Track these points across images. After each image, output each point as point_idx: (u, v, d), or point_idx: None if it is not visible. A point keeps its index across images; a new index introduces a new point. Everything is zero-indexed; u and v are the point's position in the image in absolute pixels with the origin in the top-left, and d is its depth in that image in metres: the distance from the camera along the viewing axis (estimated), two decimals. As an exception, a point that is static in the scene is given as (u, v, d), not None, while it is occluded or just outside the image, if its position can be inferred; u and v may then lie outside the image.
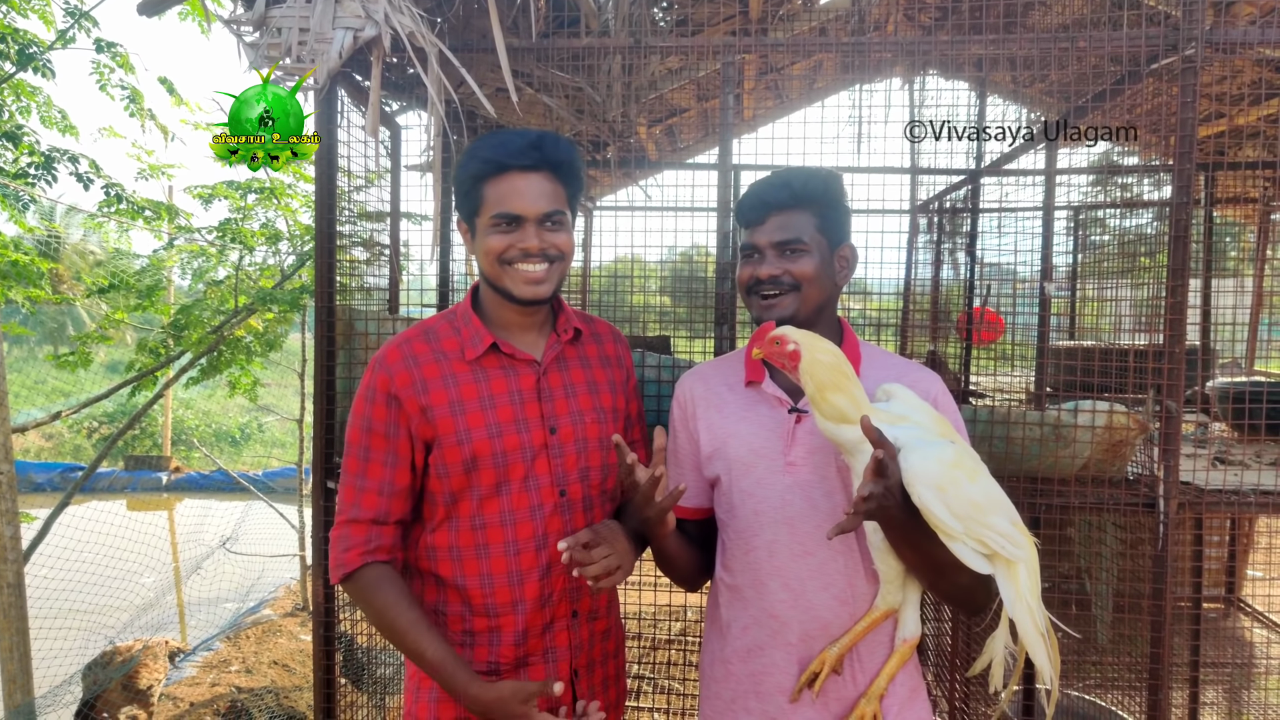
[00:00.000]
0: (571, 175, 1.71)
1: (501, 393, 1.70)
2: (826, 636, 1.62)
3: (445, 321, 1.77)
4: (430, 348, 1.71)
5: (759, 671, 1.66)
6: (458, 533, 1.70)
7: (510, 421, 1.68)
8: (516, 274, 1.66)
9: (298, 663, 5.86)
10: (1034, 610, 1.44)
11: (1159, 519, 2.34)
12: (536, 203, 1.65)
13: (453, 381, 1.68)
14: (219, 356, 5.69)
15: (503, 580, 1.69)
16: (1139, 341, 2.54)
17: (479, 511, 1.68)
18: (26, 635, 3.55)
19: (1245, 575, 4.98)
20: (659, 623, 5.61)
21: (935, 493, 1.38)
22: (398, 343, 1.72)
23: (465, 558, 1.70)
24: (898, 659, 1.62)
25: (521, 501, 1.69)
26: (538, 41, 2.54)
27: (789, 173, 1.72)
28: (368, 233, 2.86)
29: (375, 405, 1.67)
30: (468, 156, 1.69)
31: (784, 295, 1.67)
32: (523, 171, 1.65)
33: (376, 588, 1.65)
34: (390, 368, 1.67)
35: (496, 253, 1.66)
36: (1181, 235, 2.29)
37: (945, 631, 3.80)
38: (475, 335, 1.72)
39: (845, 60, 2.52)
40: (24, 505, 4.30)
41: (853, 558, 1.62)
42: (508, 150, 1.65)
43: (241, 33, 2.28)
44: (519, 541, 1.69)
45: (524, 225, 1.65)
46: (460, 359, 1.70)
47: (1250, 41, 2.34)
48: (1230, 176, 4.50)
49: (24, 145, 4.53)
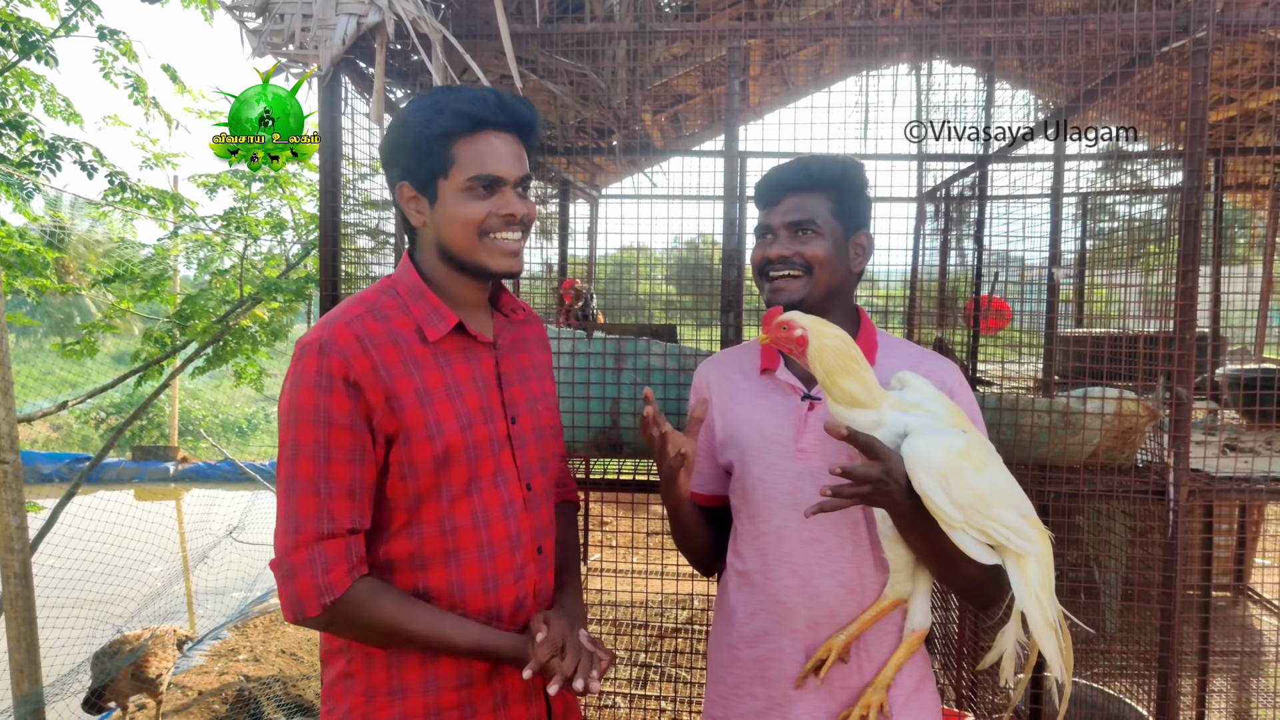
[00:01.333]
0: (536, 140, 1.59)
1: (465, 379, 1.53)
2: (833, 624, 1.61)
3: (389, 297, 1.54)
4: (383, 327, 1.48)
5: (765, 657, 1.66)
6: (421, 539, 1.49)
7: (478, 410, 1.52)
8: (494, 245, 1.51)
9: (305, 651, 5.89)
10: (1045, 604, 1.43)
11: (1169, 506, 2.33)
12: (515, 165, 1.52)
13: (415, 368, 1.47)
14: (224, 346, 5.70)
15: (476, 588, 1.51)
16: (1149, 328, 2.52)
17: (449, 514, 1.49)
18: (34, 625, 3.56)
19: (1254, 563, 4.96)
20: (666, 611, 5.62)
21: (936, 479, 1.37)
22: (344, 320, 1.46)
23: (431, 566, 1.50)
24: (905, 649, 1.61)
25: (493, 499, 1.53)
26: (542, 27, 2.53)
27: (808, 158, 1.71)
28: (373, 221, 2.85)
29: (333, 394, 1.40)
30: (431, 111, 1.49)
31: (794, 279, 1.66)
32: (498, 130, 1.50)
33: (374, 601, 1.43)
34: (344, 350, 1.42)
35: (476, 222, 1.49)
36: (1192, 221, 2.27)
37: (953, 620, 3.79)
38: (433, 313, 1.52)
39: (852, 45, 2.50)
40: (32, 495, 4.32)
41: (862, 546, 1.62)
42: (483, 106, 1.48)
43: (244, 19, 2.27)
44: (494, 543, 1.52)
45: (503, 189, 1.51)
46: (419, 340, 1.50)
47: (1262, 24, 2.31)
48: (1240, 162, 4.46)
49: (28, 134, 4.54)
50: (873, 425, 1.45)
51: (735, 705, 1.71)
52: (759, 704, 1.67)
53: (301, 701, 4.83)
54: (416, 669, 1.50)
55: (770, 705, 1.65)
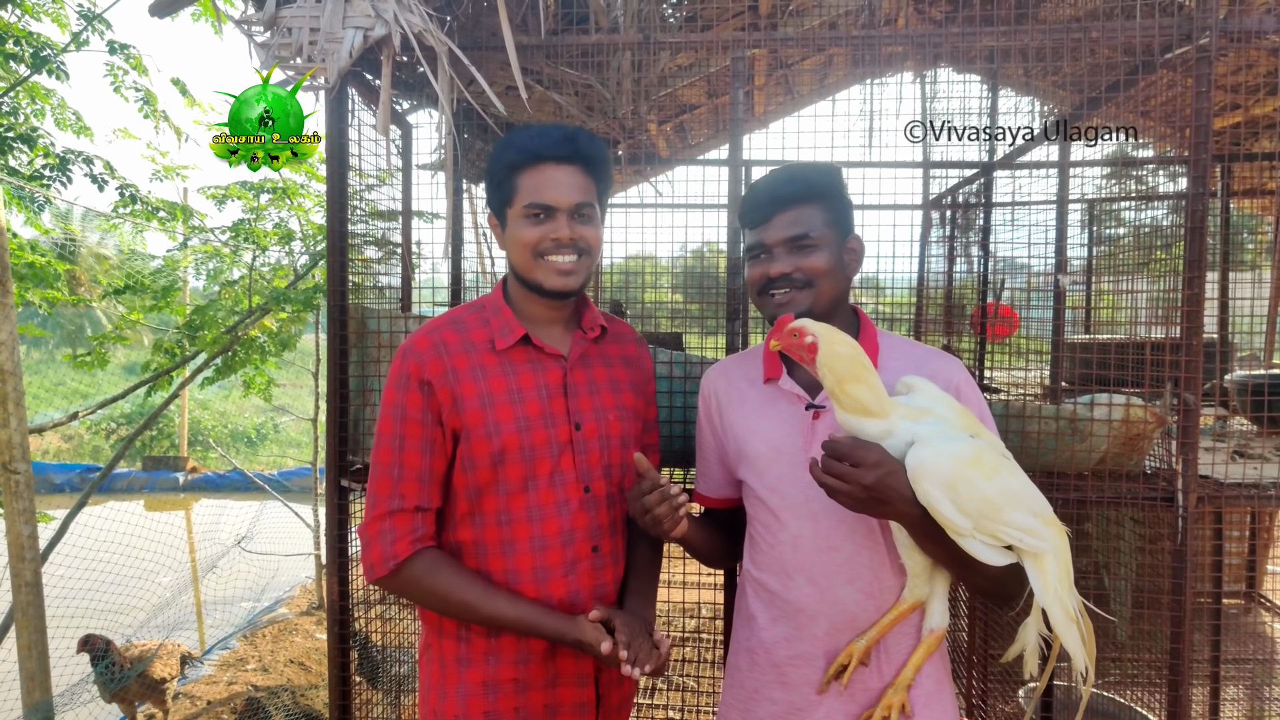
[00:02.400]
0: (603, 170, 1.74)
1: (529, 386, 1.70)
2: (853, 629, 1.62)
3: (473, 312, 1.77)
4: (460, 337, 1.70)
5: (784, 663, 1.67)
6: (483, 528, 1.69)
7: (538, 416, 1.69)
8: (548, 265, 1.68)
9: (314, 661, 5.89)
10: (1065, 599, 1.44)
11: (1178, 513, 2.32)
12: (569, 194, 1.67)
13: (481, 373, 1.68)
14: (233, 357, 5.72)
15: (528, 577, 1.68)
16: (1156, 335, 2.52)
17: (505, 507, 1.68)
18: (44, 633, 3.57)
19: (1266, 570, 4.92)
20: (673, 620, 5.61)
21: (943, 490, 1.37)
22: (426, 330, 1.72)
23: (490, 554, 1.69)
24: (924, 649, 1.61)
25: (548, 497, 1.69)
26: (547, 39, 2.54)
27: (791, 168, 1.71)
28: (380, 232, 2.86)
29: (409, 392, 1.66)
30: (503, 147, 1.71)
31: (797, 291, 1.65)
32: (557, 163, 1.67)
33: (434, 571, 1.65)
34: (421, 354, 1.66)
35: (530, 244, 1.67)
36: (1198, 228, 2.26)
37: (962, 629, 3.78)
38: (506, 326, 1.72)
39: (856, 54, 2.51)
40: (44, 506, 4.34)
41: (879, 552, 1.62)
42: (544, 141, 1.67)
43: (253, 33, 2.29)
44: (545, 538, 1.68)
45: (556, 215, 1.67)
46: (489, 350, 1.70)
47: (1266, 31, 2.31)
48: (1247, 168, 4.45)
49: (39, 148, 4.57)
50: (882, 435, 1.46)
51: (754, 709, 1.71)
52: (778, 708, 1.67)
53: (310, 711, 4.83)
54: (481, 641, 1.70)
55: (790, 710, 1.66)
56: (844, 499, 1.44)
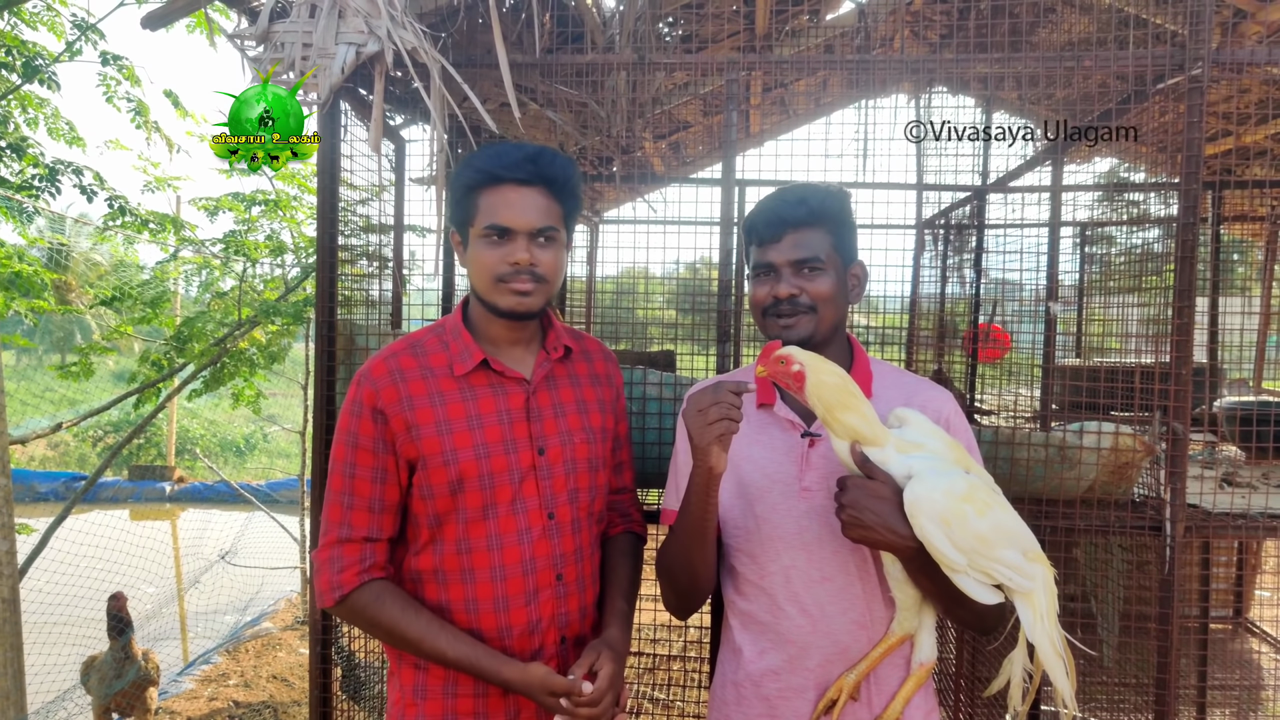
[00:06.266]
0: (568, 193, 1.68)
1: (489, 412, 1.66)
2: (846, 661, 1.60)
3: (434, 335, 1.72)
4: (418, 363, 1.66)
5: (774, 696, 1.64)
6: (443, 556, 1.65)
7: (498, 442, 1.64)
8: (505, 288, 1.63)
9: (297, 677, 5.83)
10: (1052, 634, 1.45)
11: (1165, 542, 2.31)
12: (527, 215, 1.62)
13: (439, 400, 1.63)
14: (222, 369, 5.69)
15: (488, 606, 1.63)
16: (1145, 360, 2.52)
17: (465, 535, 1.63)
18: (20, 651, 3.53)
19: (1254, 596, 4.92)
20: (659, 641, 5.57)
21: (938, 526, 1.38)
22: (383, 356, 1.67)
23: (450, 582, 1.65)
24: (914, 682, 1.60)
25: (509, 525, 1.64)
26: (542, 57, 2.54)
27: (803, 189, 1.68)
28: (371, 246, 2.85)
29: (361, 420, 1.62)
30: (463, 166, 1.67)
31: (801, 315, 1.63)
32: (517, 185, 1.62)
33: (379, 603, 1.61)
34: (376, 382, 1.62)
35: (488, 266, 1.62)
36: (1188, 256, 2.27)
37: (949, 653, 3.76)
38: (465, 350, 1.67)
39: (851, 77, 2.51)
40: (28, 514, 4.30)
41: (870, 582, 1.61)
42: (503, 162, 1.62)
43: (245, 48, 2.28)
44: (505, 566, 1.64)
45: (514, 238, 1.62)
46: (448, 375, 1.66)
47: (1257, 61, 2.33)
48: (1238, 194, 4.48)
49: (29, 157, 4.55)
50: (879, 462, 1.47)
51: None
52: None
53: (292, 728, 4.78)
54: (440, 671, 1.65)
55: None
56: (853, 531, 1.45)
